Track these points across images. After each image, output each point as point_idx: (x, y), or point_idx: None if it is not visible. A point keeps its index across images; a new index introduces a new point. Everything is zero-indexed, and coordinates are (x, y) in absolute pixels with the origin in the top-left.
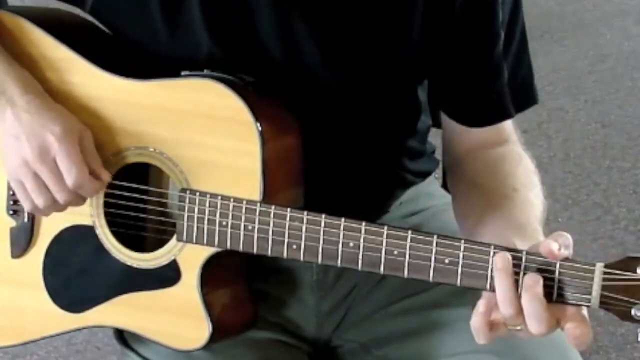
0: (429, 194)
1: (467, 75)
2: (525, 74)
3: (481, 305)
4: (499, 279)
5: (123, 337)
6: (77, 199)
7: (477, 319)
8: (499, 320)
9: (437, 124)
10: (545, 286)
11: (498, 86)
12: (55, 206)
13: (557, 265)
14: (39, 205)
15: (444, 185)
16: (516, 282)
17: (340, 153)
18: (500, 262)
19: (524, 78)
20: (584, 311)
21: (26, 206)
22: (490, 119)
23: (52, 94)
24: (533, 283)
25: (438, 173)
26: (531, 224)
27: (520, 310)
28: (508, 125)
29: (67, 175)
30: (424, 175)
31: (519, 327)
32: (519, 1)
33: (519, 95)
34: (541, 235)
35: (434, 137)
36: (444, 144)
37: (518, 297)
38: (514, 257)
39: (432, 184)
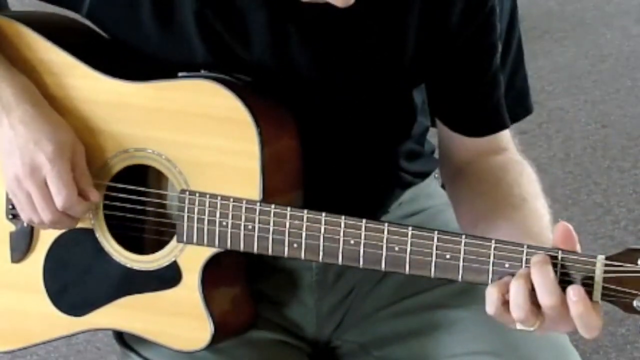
0: (429, 194)
1: (464, 86)
2: (521, 84)
3: (505, 277)
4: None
5: (123, 338)
6: (66, 220)
7: (494, 289)
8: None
9: (436, 124)
10: None
11: (495, 97)
12: (44, 225)
13: (559, 258)
14: (33, 220)
15: (444, 186)
16: (520, 275)
17: (336, 156)
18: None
19: (520, 89)
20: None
21: (23, 217)
22: (488, 129)
23: (49, 98)
24: (542, 259)
25: (437, 172)
26: (544, 234)
27: (535, 309)
28: (505, 133)
29: (56, 197)
30: (424, 175)
31: (532, 328)
32: (515, 13)
33: (515, 105)
34: None
35: (434, 137)
36: (441, 154)
37: (529, 299)
38: (515, 252)
39: (432, 184)
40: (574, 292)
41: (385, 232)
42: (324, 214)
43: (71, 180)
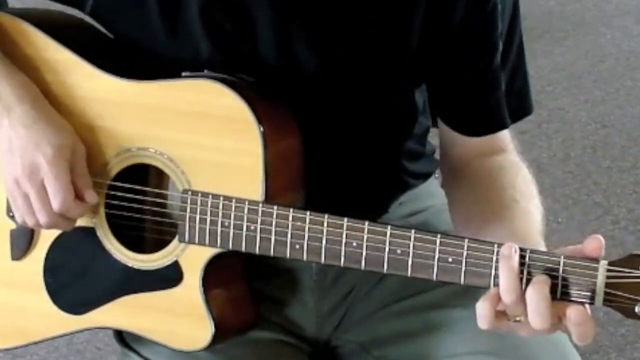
0: (429, 194)
1: (465, 84)
2: (521, 84)
3: (492, 290)
4: (502, 265)
5: (123, 337)
6: (62, 222)
7: (485, 303)
8: (502, 311)
9: (437, 124)
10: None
11: (495, 96)
12: (39, 226)
13: (561, 263)
14: (27, 221)
15: None
16: (520, 280)
17: (337, 155)
18: (506, 250)
19: (520, 88)
20: (587, 308)
21: (17, 218)
22: (487, 128)
23: (51, 97)
24: (542, 280)
25: (438, 172)
26: (533, 236)
27: (521, 299)
28: (505, 134)
29: (53, 199)
30: (424, 176)
31: (518, 318)
32: (517, 11)
33: (515, 105)
34: (543, 248)
35: (435, 138)
36: (442, 153)
37: (521, 286)
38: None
39: (432, 184)
40: (575, 314)
41: (388, 234)
42: (326, 216)
43: (68, 183)
